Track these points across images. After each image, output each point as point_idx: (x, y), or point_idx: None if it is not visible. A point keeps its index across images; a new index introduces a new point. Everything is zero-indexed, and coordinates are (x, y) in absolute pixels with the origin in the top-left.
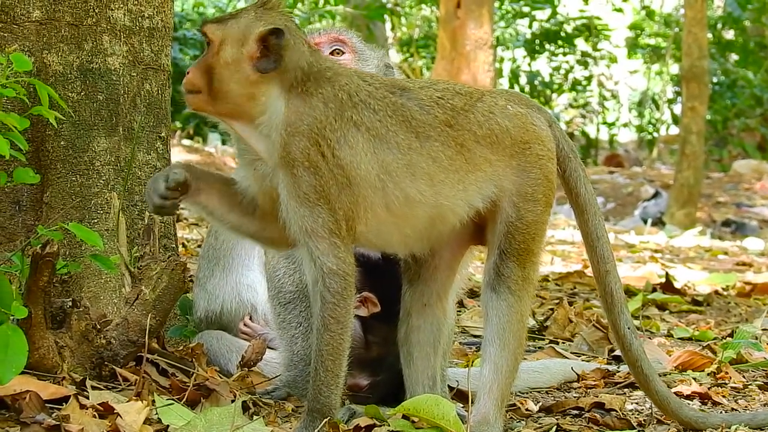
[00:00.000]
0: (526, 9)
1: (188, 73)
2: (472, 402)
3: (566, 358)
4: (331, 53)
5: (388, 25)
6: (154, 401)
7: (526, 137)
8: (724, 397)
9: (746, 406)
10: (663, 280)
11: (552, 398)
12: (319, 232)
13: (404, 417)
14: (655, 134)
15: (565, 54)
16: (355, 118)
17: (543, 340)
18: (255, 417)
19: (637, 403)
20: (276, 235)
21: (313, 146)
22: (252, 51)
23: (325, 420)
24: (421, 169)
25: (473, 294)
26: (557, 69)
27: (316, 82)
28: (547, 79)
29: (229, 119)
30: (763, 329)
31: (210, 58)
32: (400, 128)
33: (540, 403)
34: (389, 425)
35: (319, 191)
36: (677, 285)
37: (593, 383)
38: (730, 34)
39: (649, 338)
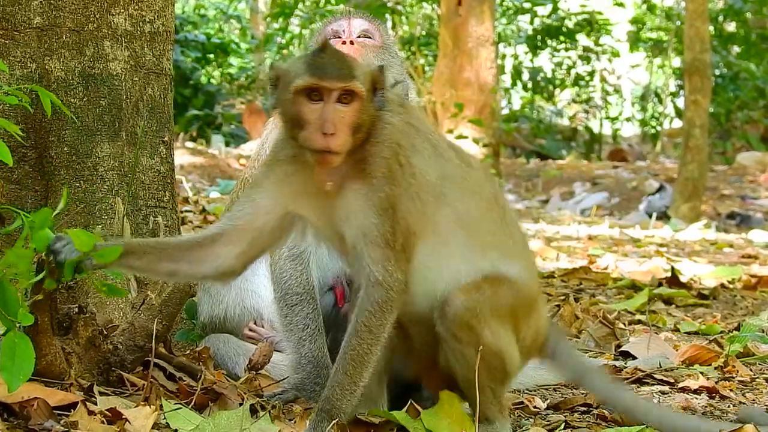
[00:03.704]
0: (527, 5)
1: (329, 135)
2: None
3: None
4: (358, 37)
5: (389, 24)
6: (161, 406)
7: None
8: (731, 390)
9: (754, 400)
10: (669, 274)
11: (560, 395)
12: (377, 240)
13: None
14: (659, 128)
15: (567, 49)
16: (417, 125)
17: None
18: (261, 415)
19: (644, 399)
20: (228, 263)
21: (392, 156)
22: (371, 94)
23: (334, 422)
24: (474, 192)
25: None
26: (559, 64)
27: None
28: (549, 74)
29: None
30: None
31: (354, 113)
32: (450, 149)
33: (548, 401)
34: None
35: (389, 200)
36: (683, 279)
37: None
38: (731, 27)
39: (656, 333)
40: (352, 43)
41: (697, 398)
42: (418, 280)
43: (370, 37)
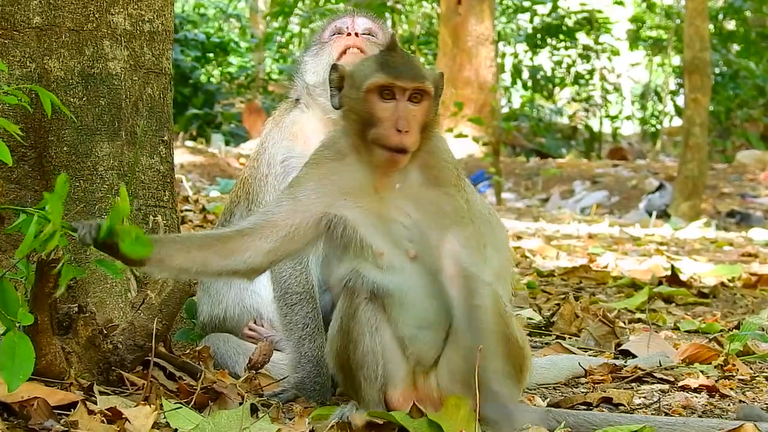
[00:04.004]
0: (526, 3)
1: (403, 132)
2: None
3: (573, 353)
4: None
5: (389, 23)
6: (161, 405)
7: None
8: (731, 389)
9: (754, 398)
10: (669, 272)
11: (560, 394)
12: (472, 244)
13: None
14: (659, 126)
15: (566, 48)
16: None
17: (550, 335)
18: (260, 414)
19: (644, 398)
20: (257, 259)
21: (456, 174)
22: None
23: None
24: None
25: None
26: (559, 63)
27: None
28: (549, 73)
29: None
30: None
31: (423, 111)
32: None
33: (548, 399)
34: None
35: (464, 210)
36: (683, 277)
37: (601, 378)
38: (731, 25)
39: (656, 331)
40: (357, 35)
41: (697, 397)
42: None
43: (373, 35)
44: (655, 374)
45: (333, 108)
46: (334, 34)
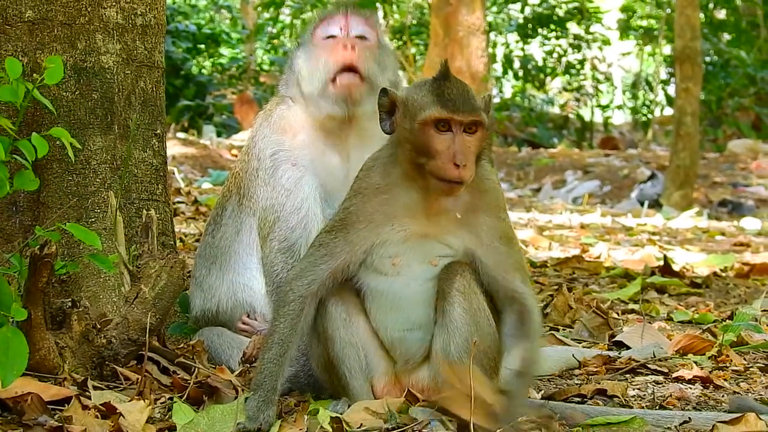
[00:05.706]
0: None
1: (461, 167)
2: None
3: (567, 345)
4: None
5: (380, 13)
6: (156, 400)
7: None
8: (725, 380)
9: (748, 389)
10: (661, 262)
11: (554, 386)
12: (514, 265)
13: None
14: (650, 116)
15: (557, 38)
16: None
17: (543, 327)
18: None
19: (639, 389)
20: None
21: (502, 198)
22: None
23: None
24: None
25: None
26: (550, 53)
27: None
28: (540, 63)
29: None
30: (762, 310)
31: (478, 142)
32: None
33: (542, 391)
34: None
35: (509, 234)
36: (676, 267)
37: (595, 370)
38: (722, 14)
39: (650, 322)
40: (353, 47)
41: (691, 388)
42: None
43: (367, 38)
44: (649, 365)
45: (384, 133)
46: (327, 38)
